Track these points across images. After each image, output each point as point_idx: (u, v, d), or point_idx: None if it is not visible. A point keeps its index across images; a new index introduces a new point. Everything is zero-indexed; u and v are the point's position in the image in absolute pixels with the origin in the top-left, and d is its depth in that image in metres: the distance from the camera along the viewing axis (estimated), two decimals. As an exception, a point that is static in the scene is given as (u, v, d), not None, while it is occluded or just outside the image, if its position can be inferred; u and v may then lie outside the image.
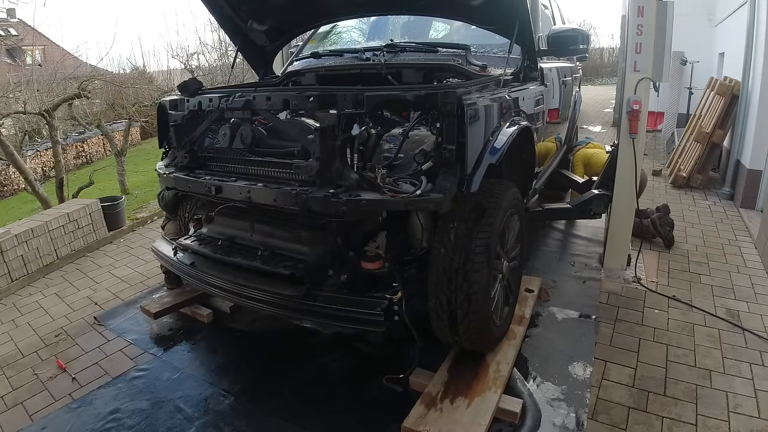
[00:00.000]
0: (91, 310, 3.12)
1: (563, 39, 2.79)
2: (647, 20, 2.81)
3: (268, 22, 2.95)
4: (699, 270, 3.27)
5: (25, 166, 6.04)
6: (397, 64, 2.68)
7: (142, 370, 2.45)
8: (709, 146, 5.03)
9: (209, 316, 2.80)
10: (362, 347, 2.54)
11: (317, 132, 1.78)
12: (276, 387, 2.26)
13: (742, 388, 2.14)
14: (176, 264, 2.32)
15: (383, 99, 1.89)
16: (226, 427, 2.04)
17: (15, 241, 3.56)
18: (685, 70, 7.17)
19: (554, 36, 2.82)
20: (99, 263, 3.91)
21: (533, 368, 2.31)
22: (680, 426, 1.94)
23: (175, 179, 2.24)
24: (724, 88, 4.90)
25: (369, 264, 1.99)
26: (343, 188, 1.78)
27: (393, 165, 1.86)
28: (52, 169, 8.15)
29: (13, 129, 9.19)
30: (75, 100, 7.20)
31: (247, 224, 2.21)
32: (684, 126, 6.07)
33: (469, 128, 1.80)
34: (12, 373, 2.53)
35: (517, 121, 2.22)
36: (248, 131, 2.03)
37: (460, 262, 1.92)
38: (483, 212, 1.97)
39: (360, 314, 1.85)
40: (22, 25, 13.23)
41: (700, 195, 4.93)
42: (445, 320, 2.03)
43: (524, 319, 2.53)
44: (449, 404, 1.98)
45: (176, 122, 2.29)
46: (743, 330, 2.57)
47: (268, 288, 1.97)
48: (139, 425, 2.07)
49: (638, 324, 2.64)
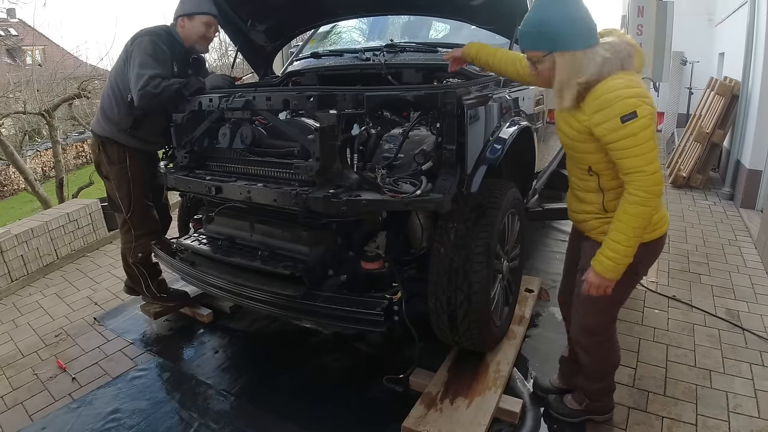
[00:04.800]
0: (91, 310, 3.12)
1: None
2: (647, 20, 2.82)
3: (268, 22, 2.96)
4: (699, 270, 3.27)
5: (25, 166, 6.04)
6: (397, 64, 2.68)
7: (142, 370, 2.45)
8: (709, 146, 5.03)
9: (209, 316, 2.80)
10: (362, 347, 2.54)
11: (317, 132, 1.78)
12: (276, 387, 2.26)
13: (742, 388, 2.14)
14: (176, 264, 2.32)
15: (383, 99, 1.89)
16: (226, 427, 2.04)
17: (15, 241, 3.56)
18: (685, 70, 7.18)
19: None
20: (99, 263, 3.91)
21: (533, 368, 2.31)
22: (680, 426, 1.94)
23: (175, 179, 2.24)
24: (724, 88, 4.90)
25: (369, 264, 1.99)
26: (343, 188, 1.78)
27: (393, 165, 1.86)
28: (52, 169, 8.16)
29: (13, 129, 9.19)
30: (75, 100, 7.21)
31: (247, 224, 2.21)
32: (684, 126, 6.07)
33: (469, 128, 1.80)
34: (12, 373, 2.52)
35: (517, 121, 2.22)
36: (248, 131, 2.03)
37: (460, 262, 1.92)
38: (483, 212, 1.97)
39: (360, 314, 1.85)
40: (22, 25, 13.25)
41: (700, 195, 4.93)
42: (445, 320, 2.03)
43: (524, 319, 2.53)
44: (449, 404, 1.98)
45: (176, 122, 2.29)
46: (743, 330, 2.57)
47: (268, 288, 1.97)
48: (139, 425, 2.07)
49: (638, 324, 2.64)
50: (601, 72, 1.44)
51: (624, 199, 1.47)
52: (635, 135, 1.39)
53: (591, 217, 1.67)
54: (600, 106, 1.43)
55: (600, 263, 1.53)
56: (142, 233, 2.60)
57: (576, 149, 1.59)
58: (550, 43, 1.47)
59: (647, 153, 1.41)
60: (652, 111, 1.41)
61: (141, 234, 2.60)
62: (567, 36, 1.44)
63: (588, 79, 1.45)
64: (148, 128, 2.49)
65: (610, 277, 1.53)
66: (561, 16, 1.43)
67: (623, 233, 1.47)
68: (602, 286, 1.55)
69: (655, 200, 1.44)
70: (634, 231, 1.46)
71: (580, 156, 1.60)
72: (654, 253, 1.69)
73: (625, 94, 1.40)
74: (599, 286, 1.55)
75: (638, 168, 1.42)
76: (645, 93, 1.43)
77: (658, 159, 1.44)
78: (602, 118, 1.42)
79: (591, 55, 1.44)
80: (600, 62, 1.43)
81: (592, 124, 1.46)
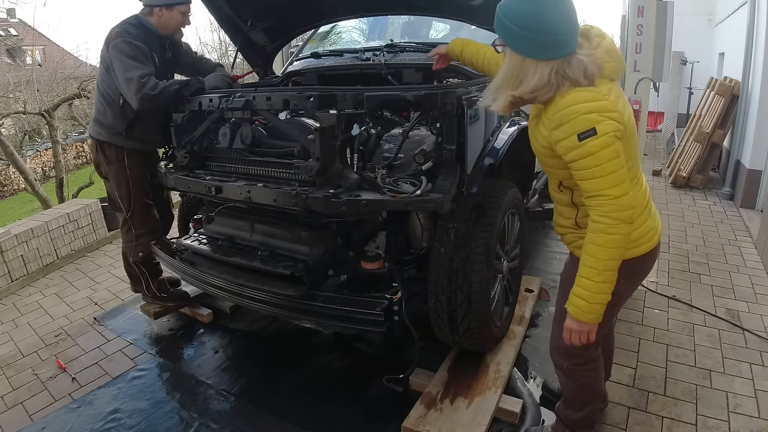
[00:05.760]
0: (91, 310, 3.12)
1: None
2: (647, 20, 2.82)
3: (268, 22, 2.95)
4: (699, 270, 3.27)
5: (25, 166, 6.04)
6: (397, 64, 2.68)
7: (142, 370, 2.45)
8: (709, 146, 5.03)
9: (209, 316, 2.80)
10: (362, 347, 2.54)
11: (317, 132, 1.78)
12: (276, 387, 2.26)
13: (742, 388, 2.14)
14: (176, 264, 2.32)
15: (383, 99, 1.89)
16: (226, 427, 2.04)
17: (15, 241, 3.56)
18: (685, 70, 7.17)
19: None
20: (99, 263, 3.91)
21: (533, 368, 2.31)
22: (680, 426, 1.94)
23: (175, 179, 2.24)
24: (724, 88, 4.90)
25: (369, 264, 1.99)
26: (343, 188, 1.78)
27: (393, 165, 1.86)
28: (52, 169, 8.16)
29: (13, 129, 9.19)
30: (75, 100, 7.21)
31: (247, 224, 2.21)
32: (684, 126, 6.07)
33: (469, 128, 1.80)
34: (12, 373, 2.52)
35: (517, 121, 2.22)
36: (248, 131, 2.03)
37: (460, 262, 1.92)
38: (483, 212, 1.97)
39: (360, 314, 1.85)
40: (22, 25, 13.25)
41: (700, 195, 4.93)
42: (445, 320, 2.03)
43: (524, 319, 2.53)
44: (449, 404, 1.98)
45: (176, 122, 2.29)
46: (743, 330, 2.56)
47: (268, 288, 1.97)
48: (139, 425, 2.07)
49: (638, 324, 2.64)
50: (536, 94, 1.31)
51: (589, 228, 1.31)
52: (593, 154, 1.24)
53: (567, 231, 1.57)
54: (559, 121, 1.29)
55: (573, 306, 1.37)
56: (142, 232, 2.60)
57: (545, 164, 1.47)
58: (506, 36, 1.32)
59: (609, 174, 1.25)
60: (616, 127, 1.25)
61: (141, 233, 2.60)
62: (523, 37, 1.28)
63: (520, 95, 1.32)
64: (143, 129, 2.49)
65: (587, 320, 1.36)
66: (530, 15, 1.27)
67: (592, 267, 1.30)
68: (582, 332, 1.38)
69: (624, 227, 1.27)
70: (605, 264, 1.29)
71: (549, 171, 1.49)
72: (637, 272, 1.50)
73: (584, 109, 1.25)
74: (579, 332, 1.38)
75: (598, 191, 1.27)
76: (610, 107, 1.26)
77: (626, 182, 1.28)
78: (561, 134, 1.29)
79: (541, 70, 1.28)
80: (544, 82, 1.29)
81: (552, 141, 1.33)
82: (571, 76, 1.28)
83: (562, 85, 1.30)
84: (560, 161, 1.36)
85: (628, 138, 1.32)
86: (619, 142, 1.27)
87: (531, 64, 1.30)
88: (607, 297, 1.34)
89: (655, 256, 1.53)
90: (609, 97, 1.29)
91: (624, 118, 1.30)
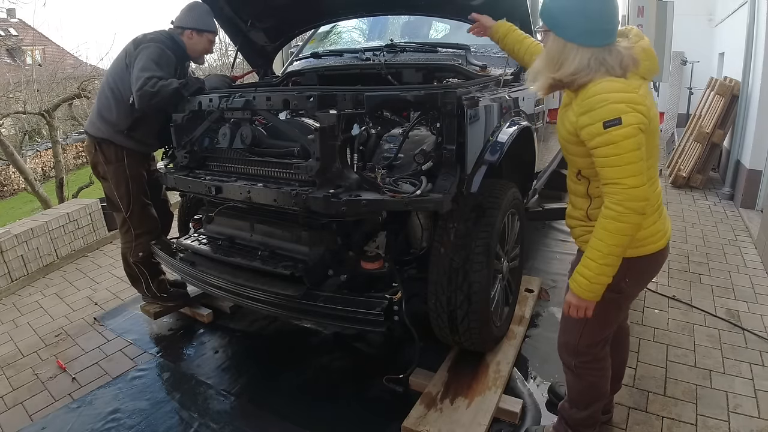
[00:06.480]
0: (91, 310, 3.12)
1: None
2: (647, 20, 2.82)
3: (268, 22, 2.96)
4: (699, 270, 3.27)
5: (25, 166, 6.04)
6: (397, 64, 2.68)
7: (142, 370, 2.45)
8: (709, 146, 5.03)
9: (209, 316, 2.80)
10: (362, 347, 2.54)
11: (317, 132, 1.78)
12: (276, 387, 2.26)
13: (742, 388, 2.14)
14: (176, 264, 2.32)
15: (383, 99, 1.89)
16: (226, 427, 2.04)
17: (15, 241, 3.56)
18: (685, 70, 7.17)
19: None
20: (99, 263, 3.91)
21: (533, 368, 2.31)
22: (680, 426, 1.94)
23: (175, 179, 2.24)
24: (724, 88, 4.90)
25: (369, 264, 1.99)
26: (343, 188, 1.78)
27: (393, 165, 1.86)
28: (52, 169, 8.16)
29: (13, 129, 9.20)
30: (75, 100, 7.21)
31: (247, 224, 2.21)
32: (684, 126, 6.07)
33: (469, 128, 1.80)
34: (12, 373, 2.53)
35: (517, 121, 2.22)
36: (248, 131, 2.03)
37: (460, 262, 1.92)
38: (483, 212, 1.97)
39: (360, 314, 1.85)
40: (22, 25, 13.26)
41: (700, 195, 4.93)
42: (445, 320, 2.03)
43: (524, 319, 2.53)
44: (449, 404, 1.98)
45: (176, 122, 2.29)
46: (743, 330, 2.57)
47: (268, 288, 1.97)
48: (139, 425, 2.07)
49: (638, 324, 2.64)
50: (576, 78, 1.36)
51: (601, 213, 1.37)
52: (616, 143, 1.29)
53: (577, 224, 1.59)
54: (588, 107, 1.34)
55: (574, 281, 1.44)
56: (141, 232, 2.60)
57: (568, 150, 1.51)
58: (551, 21, 1.39)
59: (627, 165, 1.30)
60: (641, 120, 1.30)
61: (141, 233, 2.60)
62: (568, 22, 1.35)
63: (561, 77, 1.38)
64: (145, 130, 2.50)
65: (586, 297, 1.42)
66: (578, 2, 1.35)
67: (598, 250, 1.36)
68: (580, 307, 1.45)
69: (635, 217, 1.32)
70: (610, 249, 1.34)
71: (570, 158, 1.53)
72: (642, 272, 1.55)
73: (613, 99, 1.30)
74: (577, 306, 1.45)
75: (615, 179, 1.32)
76: (638, 100, 1.31)
77: (643, 173, 1.32)
78: (588, 120, 1.33)
79: (581, 54, 1.34)
80: (583, 66, 1.34)
81: (578, 126, 1.37)
82: (609, 62, 1.35)
83: (598, 71, 1.35)
84: (583, 148, 1.41)
85: (650, 134, 1.37)
86: (642, 134, 1.31)
87: (572, 49, 1.36)
88: (608, 279, 1.40)
89: (661, 259, 1.57)
90: (639, 91, 1.35)
91: (650, 113, 1.35)
